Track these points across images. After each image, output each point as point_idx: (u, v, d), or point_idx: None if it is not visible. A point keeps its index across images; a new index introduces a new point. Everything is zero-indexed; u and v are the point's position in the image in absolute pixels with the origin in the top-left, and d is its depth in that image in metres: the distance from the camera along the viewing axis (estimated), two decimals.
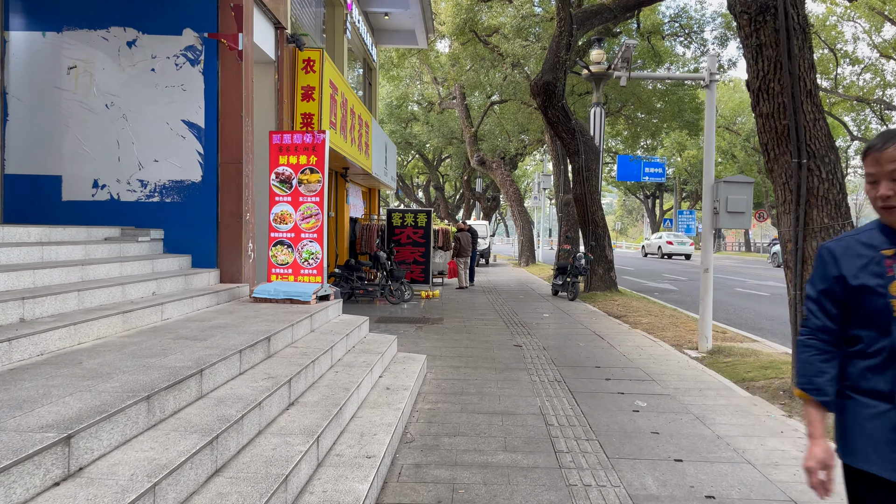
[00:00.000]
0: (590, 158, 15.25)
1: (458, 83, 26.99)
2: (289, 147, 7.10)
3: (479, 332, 9.80)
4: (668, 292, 18.76)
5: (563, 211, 21.27)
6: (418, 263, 15.13)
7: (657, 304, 14.04)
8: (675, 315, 11.94)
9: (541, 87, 14.79)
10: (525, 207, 28.90)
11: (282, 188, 7.11)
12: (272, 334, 4.96)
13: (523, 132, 29.50)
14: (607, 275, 15.35)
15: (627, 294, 15.48)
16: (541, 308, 13.14)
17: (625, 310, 12.67)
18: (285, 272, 7.15)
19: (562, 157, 21.65)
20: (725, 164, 46.94)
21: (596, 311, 12.68)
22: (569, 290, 14.51)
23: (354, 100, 12.65)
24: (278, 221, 7.13)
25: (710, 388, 6.49)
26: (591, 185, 15.24)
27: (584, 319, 11.49)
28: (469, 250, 17.19)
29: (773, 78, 5.56)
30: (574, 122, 15.23)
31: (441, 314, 11.96)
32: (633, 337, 9.64)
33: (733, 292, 18.80)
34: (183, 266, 7.21)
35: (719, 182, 8.17)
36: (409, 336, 9.32)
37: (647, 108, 28.23)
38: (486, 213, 37.98)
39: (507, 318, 11.47)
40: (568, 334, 9.80)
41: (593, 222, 15.27)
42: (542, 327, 10.49)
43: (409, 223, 15.12)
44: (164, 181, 7.45)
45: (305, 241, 7.08)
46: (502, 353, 8.12)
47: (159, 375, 3.47)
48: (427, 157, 45.45)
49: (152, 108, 7.42)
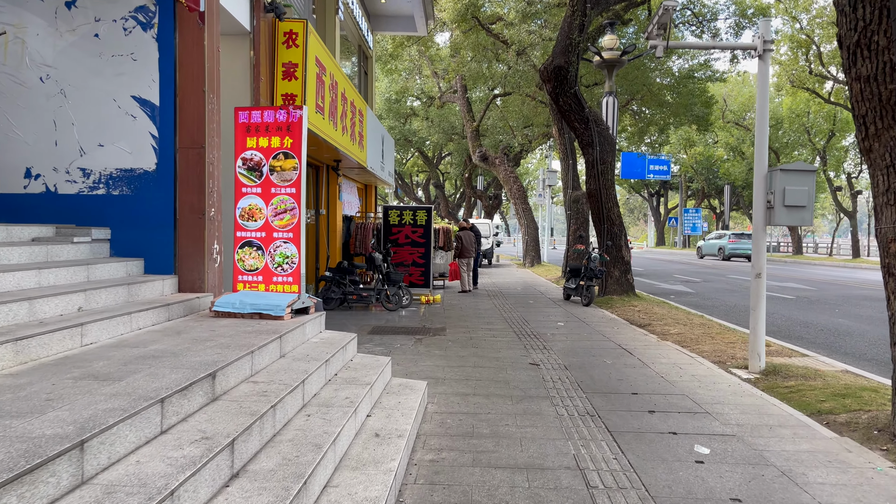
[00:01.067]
0: (605, 150, 13.96)
1: (459, 75, 25.70)
2: (258, 126, 5.81)
3: (487, 346, 8.51)
4: (684, 295, 17.49)
5: (571, 208, 19.97)
6: (418, 265, 13.85)
7: (682, 310, 12.74)
8: (706, 324, 10.65)
9: (551, 72, 13.51)
10: (530, 205, 27.61)
11: (250, 177, 5.81)
12: (221, 367, 3.68)
13: (527, 126, 28.20)
14: (624, 277, 14.07)
15: (646, 298, 14.19)
16: (553, 315, 11.86)
17: (647, 317, 11.38)
18: (254, 280, 5.86)
19: (570, 152, 20.36)
20: (733, 161, 45.66)
21: (616, 319, 11.39)
22: (583, 294, 13.22)
23: (346, 84, 11.37)
24: (246, 218, 5.84)
25: (781, 423, 5.20)
26: (607, 179, 13.96)
27: (604, 329, 10.20)
28: (472, 251, 15.90)
29: (877, 29, 4.27)
30: (588, 110, 13.94)
31: (443, 323, 10.68)
32: (666, 352, 8.34)
33: None
34: (132, 273, 5.93)
35: (775, 170, 6.88)
36: (406, 352, 8.03)
37: (658, 100, 26.94)
38: (487, 212, 36.69)
39: (517, 328, 10.19)
40: (590, 348, 8.51)
41: (609, 220, 13.99)
42: (558, 339, 9.20)
43: (407, 221, 13.84)
44: (110, 170, 6.17)
45: (279, 241, 5.79)
46: (517, 375, 6.83)
47: (4, 457, 2.19)
48: (427, 155, 44.16)
49: (96, 81, 6.13)
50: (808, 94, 34.33)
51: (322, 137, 9.52)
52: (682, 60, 31.04)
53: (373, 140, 14.71)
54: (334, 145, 10.46)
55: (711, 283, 21.40)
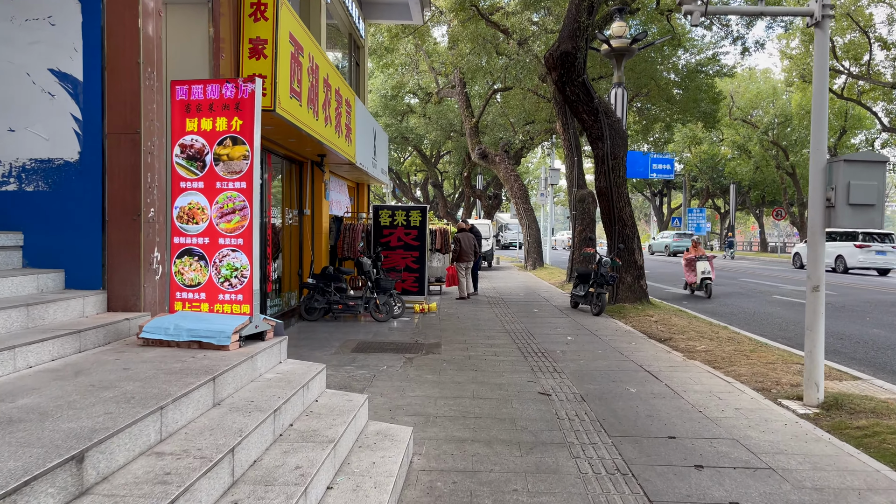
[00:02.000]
0: (616, 144, 12.77)
1: (458, 68, 24.50)
2: (200, 104, 4.62)
3: (488, 368, 7.31)
4: (696, 300, 16.32)
5: (577, 208, 18.78)
6: (411, 271, 12.65)
7: (702, 320, 11.56)
8: (734, 338, 9.46)
9: (557, 59, 12.32)
10: (531, 205, 26.40)
11: (190, 168, 4.62)
12: (99, 441, 2.49)
13: (529, 123, 27.00)
14: (637, 284, 12.87)
15: (661, 307, 13.00)
16: (561, 326, 10.66)
17: (667, 329, 10.19)
18: (196, 298, 4.66)
19: (575, 148, 19.18)
20: (739, 160, 44.50)
21: (631, 332, 10.20)
22: (593, 302, 12.03)
23: (330, 69, 10.18)
24: (185, 220, 4.64)
25: (870, 486, 4.01)
26: (618, 175, 12.77)
27: (620, 344, 9.01)
28: (471, 254, 14.71)
29: None
30: (597, 100, 12.75)
31: (438, 337, 9.48)
32: (696, 375, 7.15)
33: (773, 301, 16.37)
34: (46, 288, 4.73)
35: (836, 161, 5.68)
36: (393, 377, 6.83)
37: (665, 95, 25.76)
38: (487, 212, 35.51)
39: (522, 343, 8.99)
40: (607, 370, 7.32)
41: (620, 221, 12.79)
42: (569, 358, 8.01)
43: (399, 222, 12.64)
44: (23, 160, 4.98)
45: (226, 249, 4.59)
46: (525, 410, 5.64)
47: None
48: (425, 153, 42.97)
49: (5, 51, 4.94)
50: None
51: (299, 127, 8.33)
52: (688, 55, 29.89)
53: (363, 134, 13.52)
54: (315, 137, 9.26)
55: (722, 286, 20.22)
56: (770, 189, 44.95)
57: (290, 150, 10.92)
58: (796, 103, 35.85)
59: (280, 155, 10.90)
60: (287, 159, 11.56)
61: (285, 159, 11.47)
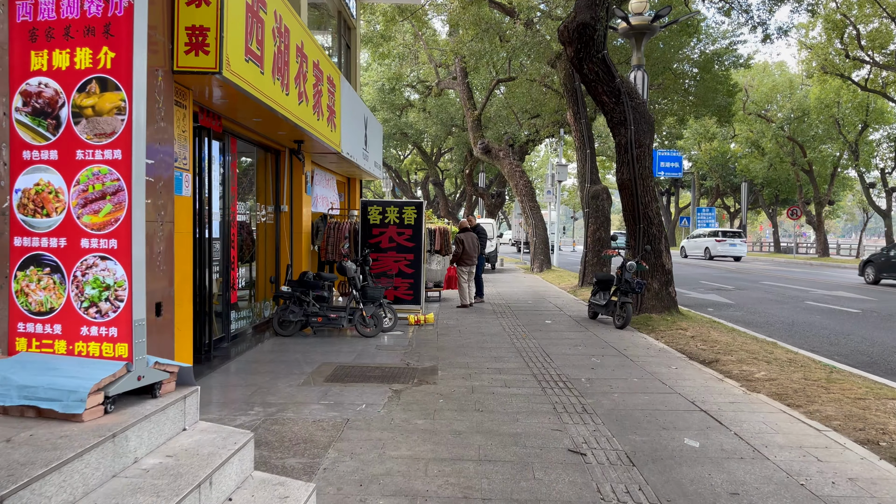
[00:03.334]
0: (641, 130, 11.09)
1: (459, 56, 22.83)
2: (52, 28, 2.96)
3: (498, 408, 5.63)
4: (723, 307, 14.67)
5: (590, 206, 17.11)
6: (405, 276, 10.96)
7: (746, 334, 9.87)
8: (795, 359, 7.77)
9: (574, 32, 10.64)
10: (538, 203, 24.72)
11: (36, 129, 2.96)
12: None
13: (535, 116, 25.30)
14: (665, 290, 11.18)
15: (692, 317, 11.31)
16: (581, 343, 8.98)
17: (708, 347, 8.51)
18: (47, 332, 3.00)
19: (587, 140, 17.49)
20: (751, 158, 42.73)
21: (666, 350, 8.51)
22: (616, 313, 10.34)
23: (306, 37, 8.51)
24: (31, 210, 2.99)
25: None
26: (643, 166, 11.08)
27: (658, 369, 7.33)
28: (475, 256, 13.03)
29: None
30: (619, 80, 11.07)
31: (434, 358, 7.80)
32: (771, 417, 5.47)
33: (806, 307, 14.71)
34: None
35: None
36: (371, 424, 5.15)
37: (680, 86, 24.08)
38: (490, 211, 33.82)
39: (537, 367, 7.32)
40: (651, 409, 5.64)
41: (646, 219, 11.10)
42: (599, 388, 6.33)
43: (391, 220, 10.96)
44: None
45: (91, 256, 2.93)
46: (555, 484, 3.96)
47: None
48: (425, 151, 41.32)
49: None
50: (839, 82, 31.43)
51: (260, 100, 6.66)
52: (702, 45, 28.22)
53: (351, 120, 11.86)
54: (285, 116, 7.59)
55: (746, 290, 18.55)
56: (784, 187, 43.18)
57: (259, 134, 9.25)
58: (815, 96, 34.07)
59: (248, 140, 9.23)
60: (260, 146, 9.89)
61: (257, 146, 9.81)
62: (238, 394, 6.06)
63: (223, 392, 6.13)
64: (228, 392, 6.14)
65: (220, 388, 6.25)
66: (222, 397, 5.94)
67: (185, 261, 6.06)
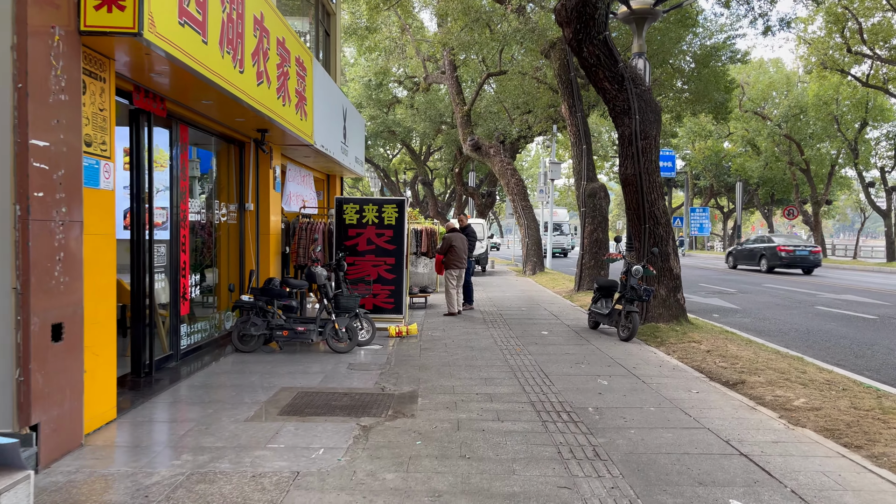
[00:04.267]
0: (647, 120, 10.01)
1: (447, 49, 21.71)
2: None
3: (489, 453, 4.53)
4: (730, 313, 13.68)
5: (586, 204, 16.04)
6: (385, 283, 9.82)
7: (767, 348, 8.83)
8: (834, 381, 6.71)
9: (572, 10, 9.56)
10: (530, 202, 23.63)
11: None
12: None
13: (527, 112, 24.19)
14: (673, 297, 10.11)
15: (703, 327, 10.24)
16: (584, 359, 7.89)
17: (728, 364, 7.43)
18: None
19: (584, 135, 16.42)
20: (746, 156, 41.85)
21: (682, 369, 7.43)
22: (620, 324, 9.26)
23: (266, 7, 7.37)
24: None
25: None
26: (649, 160, 10.01)
27: (676, 393, 6.24)
28: (464, 259, 11.92)
29: None
30: (622, 64, 9.99)
31: (415, 380, 6.68)
32: (829, 463, 4.38)
33: (818, 313, 13.75)
34: None
35: None
36: (325, 482, 4.01)
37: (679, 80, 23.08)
38: (480, 211, 32.72)
39: (535, 391, 6.22)
40: (679, 452, 4.55)
41: (652, 218, 10.02)
42: (611, 422, 5.24)
43: (370, 220, 9.81)
44: None
45: None
46: None
47: None
48: (414, 150, 40.17)
49: None
50: (838, 79, 30.55)
51: (199, 73, 5.51)
52: (698, 40, 27.28)
53: (326, 110, 10.73)
54: (236, 95, 6.45)
55: (750, 294, 17.56)
56: (780, 186, 42.30)
57: (215, 121, 8.10)
58: (813, 93, 33.18)
59: (204, 128, 8.08)
60: (220, 137, 8.74)
61: (217, 136, 8.66)
62: (168, 433, 4.92)
63: (151, 430, 4.99)
64: (157, 430, 4.99)
65: (148, 425, 5.10)
66: (147, 438, 4.80)
67: (103, 269, 4.91)
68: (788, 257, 25.04)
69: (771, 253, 25.70)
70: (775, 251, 25.42)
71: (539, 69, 20.51)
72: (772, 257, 25.61)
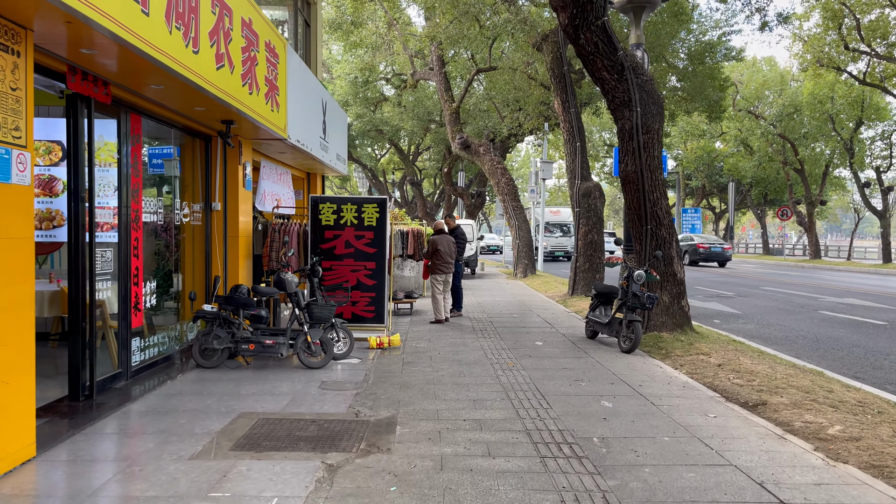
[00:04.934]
0: (649, 112, 9.27)
1: (435, 43, 20.92)
2: None
3: (478, 502, 3.75)
4: (731, 318, 13.01)
5: (581, 204, 15.30)
6: (365, 289, 9.02)
7: (783, 361, 8.10)
8: (866, 401, 5.97)
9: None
10: (521, 202, 22.87)
11: None
12: None
13: (518, 110, 23.43)
14: (676, 304, 9.37)
15: (709, 336, 9.50)
16: (584, 374, 7.12)
17: (744, 381, 6.69)
18: None
19: (577, 132, 15.68)
20: (738, 156, 41.30)
21: (693, 386, 6.67)
22: (622, 334, 8.50)
23: None
24: None
25: None
26: (651, 155, 9.26)
27: (691, 418, 5.48)
28: (450, 263, 11.13)
29: None
30: (622, 52, 9.24)
31: (395, 402, 5.89)
32: None
33: (823, 318, 13.10)
34: None
35: None
36: None
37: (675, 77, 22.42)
38: (470, 212, 31.95)
39: (532, 417, 5.44)
40: (707, 498, 3.78)
41: (654, 218, 9.27)
42: (620, 456, 4.47)
43: (348, 221, 9.01)
44: None
45: None
46: None
47: None
48: (402, 149, 39.33)
49: None
50: (833, 77, 30.01)
51: (138, 49, 4.70)
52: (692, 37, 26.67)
53: (303, 102, 9.92)
54: (188, 78, 5.64)
55: (749, 298, 16.90)
56: (773, 187, 41.77)
57: (172, 111, 7.27)
58: (808, 92, 32.64)
59: (161, 119, 7.25)
60: (181, 129, 7.91)
61: (177, 128, 7.83)
62: (92, 477, 4.09)
63: (73, 473, 4.16)
64: (80, 472, 4.17)
65: (71, 466, 4.27)
66: (64, 484, 3.97)
67: (13, 279, 4.09)
68: (706, 253, 29.13)
69: (692, 249, 29.55)
70: (696, 248, 29.51)
71: (530, 64, 19.77)
72: (693, 253, 29.43)
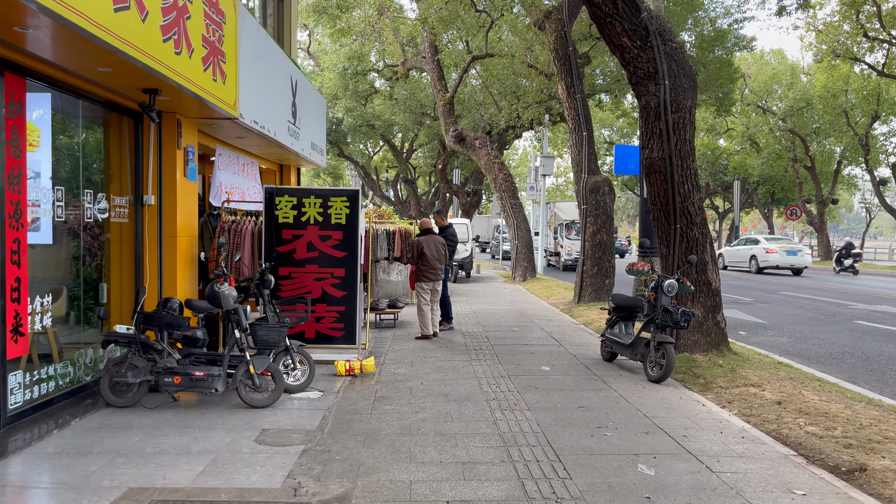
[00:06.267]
0: (679, 87, 7.63)
1: (427, 28, 19.28)
2: None
3: None
4: (759, 330, 11.45)
5: (588, 201, 13.68)
6: (333, 302, 7.36)
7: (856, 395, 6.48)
8: None
9: None
10: (520, 200, 21.25)
11: None
12: None
13: (516, 101, 21.79)
14: (712, 319, 7.73)
15: (750, 358, 7.87)
16: (605, 417, 5.49)
17: (820, 428, 5.06)
18: None
19: (584, 120, 14.03)
20: (744, 153, 39.70)
21: (753, 436, 5.03)
22: (649, 358, 6.85)
23: None
24: None
25: None
26: (683, 139, 7.63)
27: (771, 497, 3.85)
28: (438, 269, 9.50)
29: None
30: (646, 14, 7.60)
31: (354, 468, 4.25)
32: None
33: (863, 330, 11.56)
34: None
35: None
36: None
37: None
38: (465, 211, 30.30)
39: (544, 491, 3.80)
40: None
41: (685, 216, 7.64)
42: None
43: (311, 217, 7.35)
44: None
45: None
46: None
47: None
48: (395, 146, 37.67)
49: None
50: (848, 69, 28.45)
51: None
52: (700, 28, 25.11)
53: (264, 77, 8.27)
54: (67, 19, 4.00)
55: (770, 304, 15.30)
56: (781, 185, 40.17)
57: (71, 73, 5.59)
58: (820, 85, 31.06)
59: (60, 85, 5.58)
60: (97, 102, 6.25)
61: (90, 100, 6.17)
62: None
63: None
64: None
65: None
66: None
67: None
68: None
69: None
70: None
71: (530, 49, 18.14)
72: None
